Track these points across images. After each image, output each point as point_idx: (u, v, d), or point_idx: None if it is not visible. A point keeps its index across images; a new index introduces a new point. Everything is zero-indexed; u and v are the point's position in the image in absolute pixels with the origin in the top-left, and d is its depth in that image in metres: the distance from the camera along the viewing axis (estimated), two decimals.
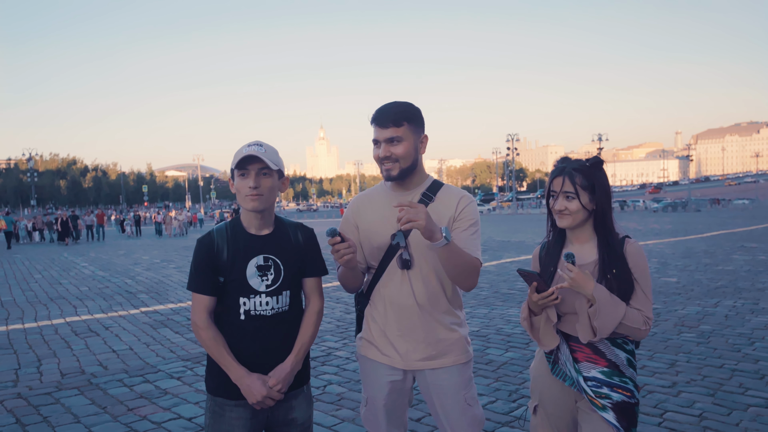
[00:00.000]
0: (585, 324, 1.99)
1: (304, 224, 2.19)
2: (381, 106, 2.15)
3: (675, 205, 57.92)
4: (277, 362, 2.03)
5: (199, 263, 2.01)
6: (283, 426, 2.09)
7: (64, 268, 15.30)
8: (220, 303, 2.03)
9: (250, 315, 2.00)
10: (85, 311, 8.57)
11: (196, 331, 2.00)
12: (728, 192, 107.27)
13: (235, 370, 1.96)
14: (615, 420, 1.97)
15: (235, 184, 2.02)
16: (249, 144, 2.00)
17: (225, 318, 2.02)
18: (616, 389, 2.00)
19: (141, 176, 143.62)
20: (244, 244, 2.02)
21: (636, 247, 2.04)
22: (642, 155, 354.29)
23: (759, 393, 4.25)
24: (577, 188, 2.02)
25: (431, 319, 2.17)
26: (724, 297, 8.21)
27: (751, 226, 25.65)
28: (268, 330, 2.02)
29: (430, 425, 3.82)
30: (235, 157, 1.99)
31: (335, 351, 5.79)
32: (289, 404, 2.08)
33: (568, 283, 1.95)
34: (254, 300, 2.00)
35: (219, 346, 1.97)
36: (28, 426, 4.04)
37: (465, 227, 2.14)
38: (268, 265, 2.03)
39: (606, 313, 1.93)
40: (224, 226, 2.07)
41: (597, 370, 2.03)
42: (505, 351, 5.63)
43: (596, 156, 2.09)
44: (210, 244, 2.02)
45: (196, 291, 2.00)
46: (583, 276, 1.92)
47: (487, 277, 10.90)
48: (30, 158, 60.89)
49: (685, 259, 13.12)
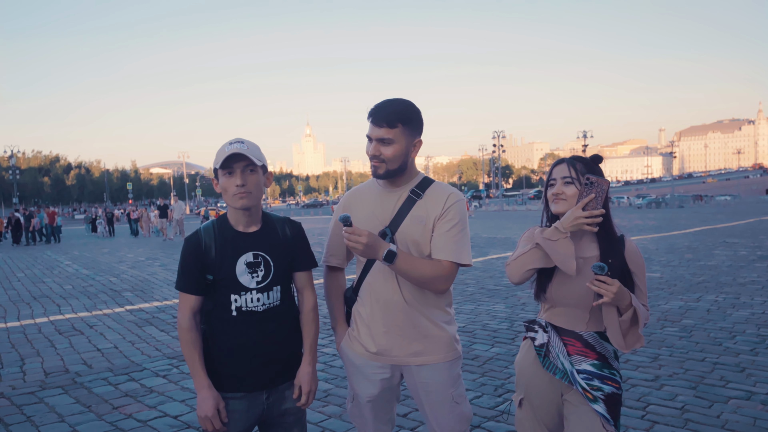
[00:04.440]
0: (618, 334, 1.98)
1: (292, 218, 2.19)
2: (380, 102, 2.12)
3: (659, 202, 58.66)
4: (271, 353, 2.06)
5: (186, 262, 2.02)
6: (278, 417, 2.13)
7: (48, 266, 15.13)
8: (210, 300, 2.04)
9: (242, 311, 2.02)
10: (69, 310, 8.49)
11: (179, 330, 2.03)
12: (711, 188, 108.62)
13: (201, 378, 1.99)
14: (606, 411, 2.00)
15: (220, 183, 2.01)
16: (230, 142, 2.00)
17: (217, 314, 2.04)
18: (607, 381, 2.04)
19: (125, 174, 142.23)
20: (233, 242, 2.03)
21: (634, 245, 2.10)
22: (626, 152, 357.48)
23: (739, 386, 4.32)
24: (577, 174, 2.06)
25: (418, 316, 2.17)
26: (706, 292, 8.33)
27: (733, 222, 26.02)
28: (261, 324, 2.04)
29: (416, 420, 3.85)
30: (218, 156, 1.98)
31: (322, 348, 5.80)
32: (282, 395, 2.11)
33: (608, 297, 1.87)
34: (245, 297, 2.02)
35: (194, 351, 2.00)
36: (11, 426, 4.00)
37: (448, 228, 2.12)
38: (257, 262, 2.03)
39: (643, 319, 1.97)
40: (211, 225, 2.07)
41: (588, 363, 2.06)
42: (491, 346, 5.68)
43: (596, 154, 2.15)
44: (197, 242, 2.02)
45: (183, 290, 2.03)
46: (622, 288, 1.90)
47: (473, 273, 10.95)
48: (12, 155, 60.10)
49: (668, 254, 13.28)
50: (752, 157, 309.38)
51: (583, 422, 2.04)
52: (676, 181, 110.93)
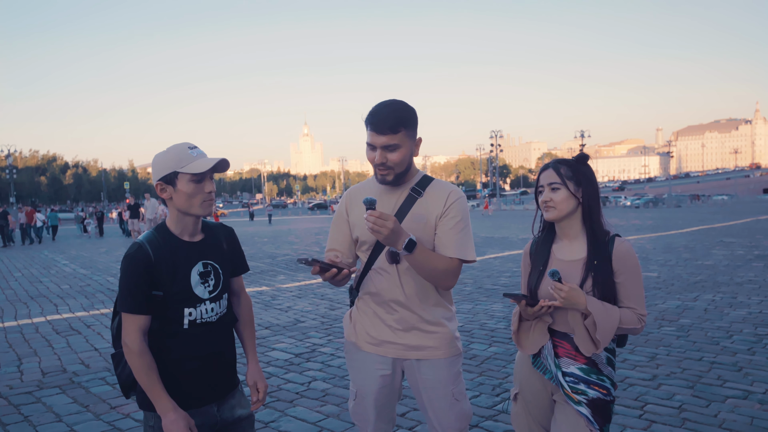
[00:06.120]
0: (584, 337, 2.02)
1: (224, 224, 2.18)
2: (376, 108, 2.09)
3: (656, 202, 58.81)
4: (221, 363, 2.04)
5: (134, 280, 1.86)
6: (232, 426, 2.08)
7: (45, 266, 15.10)
8: (158, 318, 1.91)
9: (195, 323, 1.95)
10: (66, 309, 8.47)
11: (129, 355, 1.86)
12: (708, 188, 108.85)
13: (165, 401, 1.86)
14: (590, 414, 2.01)
15: (184, 189, 1.89)
16: (190, 147, 1.93)
17: (164, 330, 1.92)
18: (593, 386, 2.04)
19: (122, 173, 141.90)
20: (183, 253, 1.94)
21: (626, 245, 2.06)
22: (624, 152, 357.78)
23: (737, 385, 4.33)
24: (563, 179, 2.06)
25: (421, 312, 2.19)
26: (704, 291, 8.35)
27: (730, 222, 26.07)
28: (213, 335, 2.00)
29: (415, 420, 3.85)
30: (185, 160, 1.89)
31: (320, 347, 5.80)
32: (230, 404, 2.07)
33: (560, 302, 1.98)
34: (200, 308, 1.95)
35: (152, 375, 1.87)
36: (8, 425, 3.99)
37: (451, 225, 2.14)
38: (208, 271, 1.99)
39: (603, 323, 1.95)
40: (153, 237, 1.93)
41: (576, 367, 2.06)
42: (489, 346, 5.68)
43: (582, 152, 2.14)
44: (146, 257, 1.87)
45: (133, 312, 1.86)
46: (573, 292, 1.95)
47: (471, 272, 10.96)
48: (9, 155, 59.94)
49: (666, 254, 13.31)
50: (749, 157, 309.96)
51: (569, 422, 2.06)
52: (673, 181, 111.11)
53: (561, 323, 2.10)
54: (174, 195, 1.91)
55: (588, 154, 2.13)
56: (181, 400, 1.92)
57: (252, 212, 50.38)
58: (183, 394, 1.94)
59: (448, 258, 2.11)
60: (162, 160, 1.92)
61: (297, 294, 9.22)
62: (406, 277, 2.16)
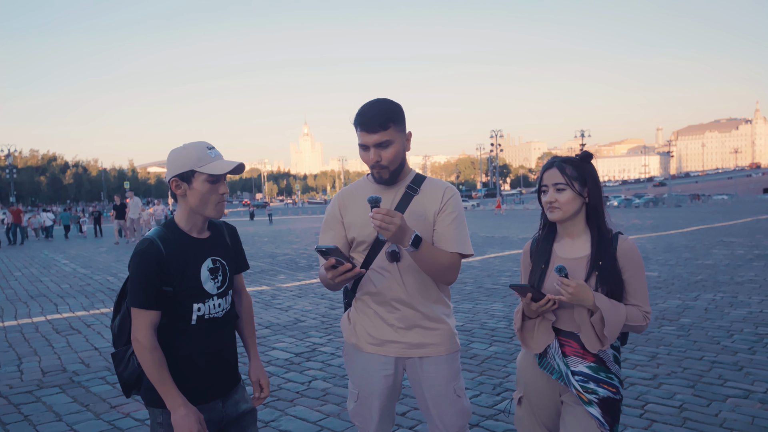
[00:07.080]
0: (590, 334, 2.00)
1: (227, 222, 2.19)
2: (363, 109, 2.11)
3: (656, 201, 58.84)
4: (227, 359, 2.06)
5: (146, 275, 1.86)
6: (236, 421, 2.09)
7: (45, 265, 15.09)
8: (167, 313, 1.93)
9: (203, 319, 1.97)
10: (66, 309, 8.46)
11: (141, 351, 1.87)
12: (708, 187, 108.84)
13: (176, 396, 1.87)
14: (600, 415, 1.99)
15: (199, 188, 1.91)
16: (208, 146, 1.94)
17: (173, 326, 1.94)
18: (603, 385, 2.02)
19: (122, 172, 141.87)
20: (193, 250, 1.97)
21: (629, 243, 2.05)
22: (624, 151, 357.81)
23: (737, 384, 4.33)
24: (569, 179, 2.04)
25: (422, 309, 2.19)
26: (704, 290, 8.34)
27: (731, 221, 26.07)
28: (221, 330, 2.03)
29: (415, 419, 3.84)
30: (207, 160, 1.90)
31: (320, 347, 5.80)
32: (234, 399, 2.09)
33: (567, 297, 1.95)
34: (209, 304, 1.98)
35: (163, 370, 1.88)
36: (8, 425, 3.99)
37: (449, 221, 2.16)
38: (216, 267, 2.01)
39: (612, 319, 1.94)
40: (164, 233, 1.94)
41: (584, 365, 2.04)
42: (489, 345, 5.68)
43: (585, 151, 2.11)
44: (157, 253, 1.88)
45: (145, 307, 1.87)
46: (581, 288, 1.93)
47: (471, 272, 10.96)
48: (9, 154, 59.96)
49: (666, 253, 13.30)
50: (749, 157, 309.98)
51: (579, 423, 2.03)
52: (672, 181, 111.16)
53: (565, 322, 2.08)
54: (189, 193, 1.92)
55: (591, 153, 2.11)
56: (189, 395, 1.94)
57: (252, 212, 50.59)
58: (191, 390, 1.95)
59: (449, 253, 2.12)
60: (179, 157, 1.91)
61: (297, 293, 9.22)
62: (407, 274, 2.16)
